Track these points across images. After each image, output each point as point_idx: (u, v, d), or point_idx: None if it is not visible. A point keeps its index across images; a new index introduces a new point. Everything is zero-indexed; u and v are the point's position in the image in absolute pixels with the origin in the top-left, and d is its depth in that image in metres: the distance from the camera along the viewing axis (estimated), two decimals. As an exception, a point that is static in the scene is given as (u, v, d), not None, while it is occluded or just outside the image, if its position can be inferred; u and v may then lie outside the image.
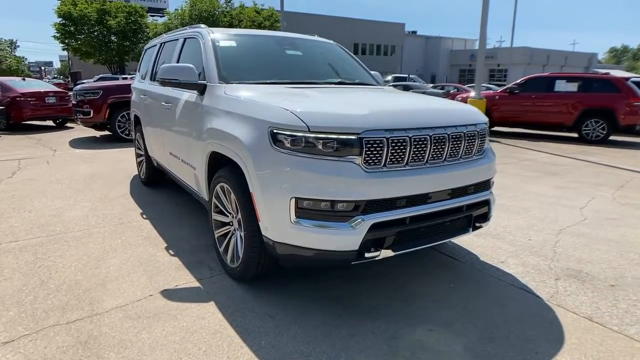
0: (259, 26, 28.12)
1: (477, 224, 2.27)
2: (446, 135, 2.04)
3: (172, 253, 2.73)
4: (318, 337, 1.85)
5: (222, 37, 3.02)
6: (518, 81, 9.88)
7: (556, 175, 5.40)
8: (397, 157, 1.91)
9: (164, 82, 2.84)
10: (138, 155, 4.67)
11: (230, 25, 27.46)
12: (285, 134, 1.87)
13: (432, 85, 20.07)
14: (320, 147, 1.83)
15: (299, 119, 1.86)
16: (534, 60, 39.75)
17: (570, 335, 1.90)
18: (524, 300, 2.22)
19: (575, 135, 9.01)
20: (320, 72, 3.28)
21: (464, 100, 9.27)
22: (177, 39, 3.55)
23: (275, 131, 1.91)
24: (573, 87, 8.85)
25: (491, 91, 11.06)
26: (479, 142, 2.25)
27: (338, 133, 1.83)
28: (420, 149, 1.97)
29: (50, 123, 10.44)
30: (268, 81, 2.69)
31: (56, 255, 2.66)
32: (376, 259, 1.91)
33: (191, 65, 2.64)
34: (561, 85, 9.00)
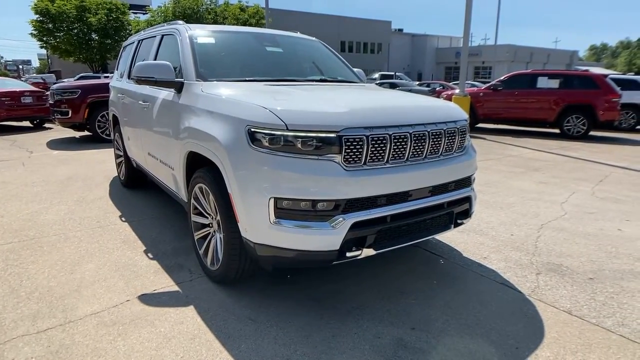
0: (244, 24, 27.78)
1: (459, 221, 2.28)
2: (426, 133, 2.03)
3: (151, 256, 2.66)
4: (300, 339, 1.82)
5: (200, 33, 2.95)
6: (501, 78, 10.02)
7: (538, 170, 5.50)
8: (378, 155, 1.89)
9: (140, 81, 2.75)
10: (117, 156, 4.54)
11: (215, 23, 27.08)
12: (263, 133, 1.83)
13: (418, 82, 20.21)
14: (299, 145, 1.79)
15: (276, 117, 1.82)
16: (518, 58, 40.47)
17: (550, 329, 1.92)
18: (505, 295, 2.24)
19: (557, 131, 9.20)
20: (302, 70, 3.24)
21: (449, 98, 9.35)
22: (155, 36, 3.46)
23: (252, 130, 1.86)
24: (555, 84, 9.04)
25: (475, 88, 11.21)
26: (460, 139, 2.25)
27: (317, 131, 1.80)
28: (400, 147, 1.95)
29: (27, 124, 10.10)
30: (247, 78, 2.63)
31: (29, 261, 2.55)
32: (358, 258, 1.89)
33: (167, 63, 2.57)
34: (543, 82, 9.17)
